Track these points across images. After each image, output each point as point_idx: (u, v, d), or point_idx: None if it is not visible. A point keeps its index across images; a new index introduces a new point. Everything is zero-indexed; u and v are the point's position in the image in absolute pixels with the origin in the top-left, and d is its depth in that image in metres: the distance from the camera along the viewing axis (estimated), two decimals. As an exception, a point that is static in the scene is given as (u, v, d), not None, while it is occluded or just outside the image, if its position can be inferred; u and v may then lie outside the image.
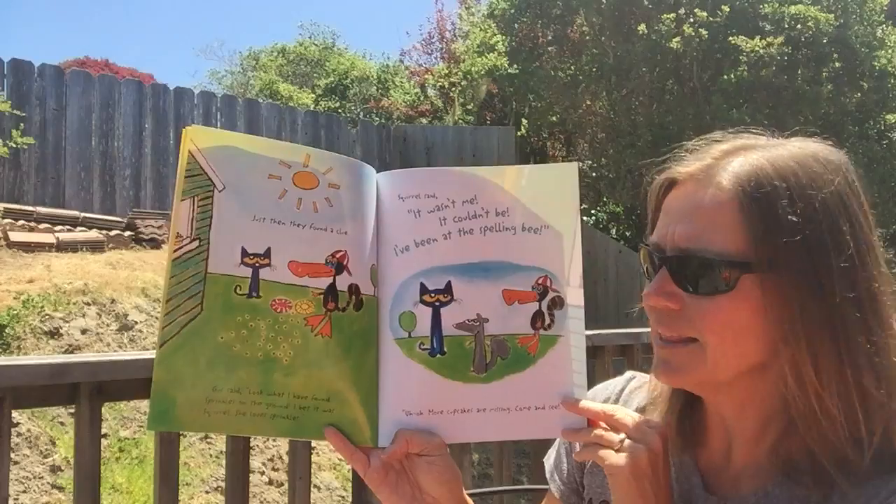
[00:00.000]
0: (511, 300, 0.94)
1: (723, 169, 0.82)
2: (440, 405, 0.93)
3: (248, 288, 0.89)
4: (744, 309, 0.79)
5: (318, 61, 17.54)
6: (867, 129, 9.82)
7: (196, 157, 0.88)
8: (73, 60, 15.92)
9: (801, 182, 0.79)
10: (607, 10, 10.10)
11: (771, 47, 8.73)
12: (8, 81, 8.76)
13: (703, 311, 0.81)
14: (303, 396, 0.90)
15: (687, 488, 0.91)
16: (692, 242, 0.81)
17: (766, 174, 0.80)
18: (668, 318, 0.84)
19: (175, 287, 0.87)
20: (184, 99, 10.12)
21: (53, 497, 4.49)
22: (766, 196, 0.78)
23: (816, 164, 0.81)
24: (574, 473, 1.05)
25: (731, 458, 0.89)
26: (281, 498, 5.09)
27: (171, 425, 0.90)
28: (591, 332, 2.80)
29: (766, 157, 0.82)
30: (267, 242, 0.89)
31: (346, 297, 0.92)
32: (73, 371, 1.61)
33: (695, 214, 0.82)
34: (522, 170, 0.97)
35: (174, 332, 0.86)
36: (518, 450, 4.74)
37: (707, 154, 0.86)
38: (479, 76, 10.95)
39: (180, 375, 0.86)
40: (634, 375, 1.08)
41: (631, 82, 10.31)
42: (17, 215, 7.79)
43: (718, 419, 0.90)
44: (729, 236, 0.79)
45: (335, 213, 0.93)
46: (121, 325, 6.07)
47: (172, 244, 0.87)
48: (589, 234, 10.84)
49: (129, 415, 5.32)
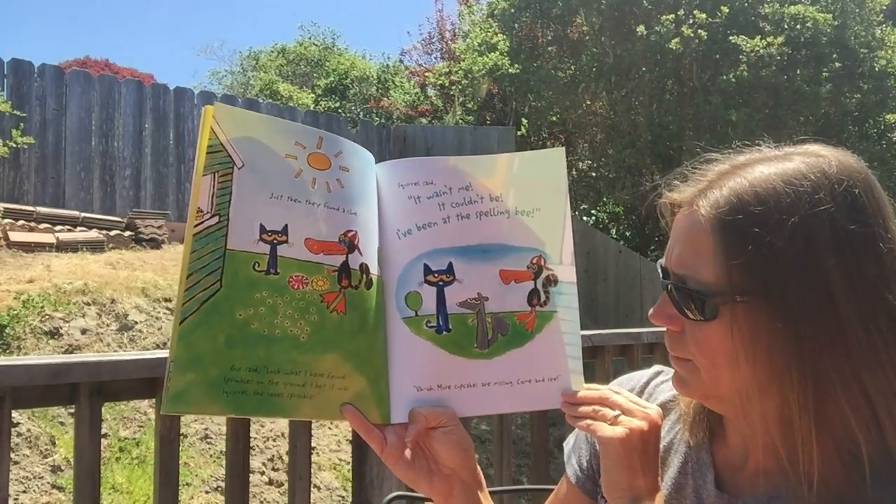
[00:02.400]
0: (508, 279, 0.99)
1: (707, 195, 0.82)
2: (448, 380, 0.97)
3: (266, 265, 0.89)
4: (726, 337, 0.79)
5: (318, 61, 17.55)
6: (867, 129, 9.82)
7: (217, 135, 0.89)
8: (73, 60, 15.93)
9: (780, 205, 0.76)
10: (607, 10, 10.10)
11: (771, 47, 8.73)
12: (8, 81, 8.76)
13: (696, 336, 0.83)
14: (319, 374, 0.91)
15: (700, 483, 0.92)
16: (682, 269, 0.83)
17: (744, 201, 0.78)
18: (671, 338, 0.88)
19: (195, 262, 0.87)
20: (184, 99, 10.12)
21: (53, 497, 4.49)
22: (738, 223, 0.77)
23: (805, 180, 0.78)
24: (592, 461, 1.07)
25: (746, 460, 0.90)
26: (281, 498, 5.09)
27: (189, 407, 0.87)
28: (591, 333, 2.80)
29: (752, 179, 0.79)
30: (284, 220, 0.91)
31: (358, 276, 0.94)
32: (73, 371, 1.61)
33: (684, 240, 0.84)
34: (513, 157, 1.02)
35: (194, 309, 0.86)
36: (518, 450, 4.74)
37: (704, 177, 0.86)
38: (479, 75, 10.95)
39: (200, 354, 0.86)
40: (662, 370, 1.09)
41: (631, 82, 10.31)
42: (17, 215, 7.79)
43: (734, 423, 0.91)
44: (707, 265, 0.80)
45: (346, 194, 0.95)
46: (121, 325, 6.08)
47: (193, 219, 0.88)
48: (589, 234, 10.84)
49: (129, 415, 5.32)
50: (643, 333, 2.86)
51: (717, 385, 0.84)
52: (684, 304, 0.83)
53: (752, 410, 0.84)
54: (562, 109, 10.89)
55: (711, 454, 0.93)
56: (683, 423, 0.97)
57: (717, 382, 0.84)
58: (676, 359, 0.88)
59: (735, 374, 0.82)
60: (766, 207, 0.76)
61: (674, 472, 0.96)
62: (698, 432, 0.94)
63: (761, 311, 0.77)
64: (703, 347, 0.83)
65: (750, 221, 0.77)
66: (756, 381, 0.80)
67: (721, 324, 0.80)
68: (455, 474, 0.97)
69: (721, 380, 0.83)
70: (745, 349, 0.79)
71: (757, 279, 0.76)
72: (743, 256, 0.76)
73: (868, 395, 0.75)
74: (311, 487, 2.39)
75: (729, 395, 0.85)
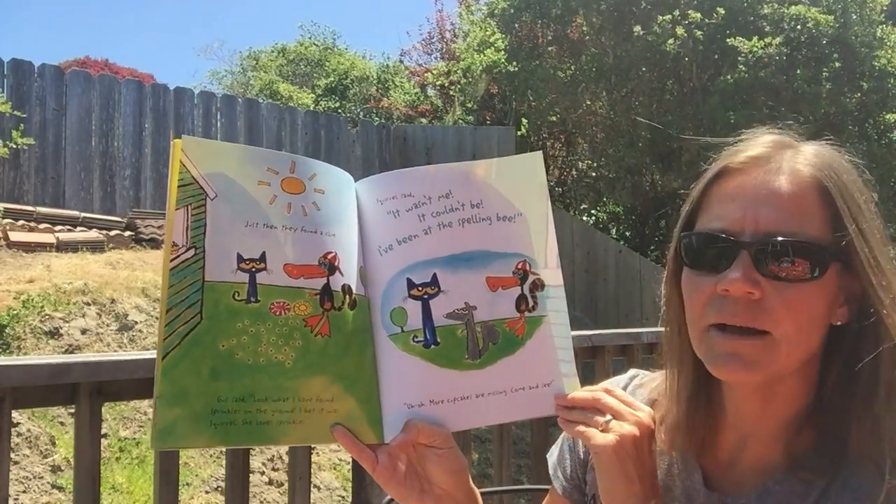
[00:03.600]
0: (495, 287, 0.98)
1: (794, 156, 0.84)
2: (440, 394, 0.95)
3: (246, 293, 0.89)
4: (821, 297, 0.80)
5: (318, 61, 17.54)
6: (867, 129, 9.82)
7: (188, 168, 0.90)
8: (73, 60, 15.93)
9: (856, 178, 0.83)
10: (607, 10, 10.10)
11: (769, 48, 8.73)
12: (8, 81, 8.76)
13: (788, 301, 0.79)
14: (307, 399, 0.91)
15: (689, 484, 0.92)
16: (781, 227, 0.79)
17: (838, 163, 0.83)
18: (743, 308, 0.80)
19: (174, 297, 0.87)
20: (184, 99, 10.12)
21: (53, 497, 4.49)
22: (843, 182, 0.81)
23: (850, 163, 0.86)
24: (577, 470, 1.06)
25: (739, 457, 0.90)
26: (281, 498, 5.09)
27: (177, 442, 0.88)
28: (591, 333, 2.80)
29: (825, 149, 0.85)
30: (261, 247, 0.91)
31: (340, 297, 0.94)
32: (73, 371, 1.61)
33: (775, 200, 0.80)
34: (491, 162, 1.01)
35: (175, 343, 0.86)
36: (518, 450, 4.74)
37: (758, 144, 0.86)
38: (477, 72, 10.95)
39: (184, 388, 0.85)
40: (637, 373, 1.09)
41: (631, 82, 10.31)
42: (17, 215, 7.79)
43: (736, 419, 0.90)
44: (814, 221, 0.80)
45: (323, 216, 0.95)
46: (121, 325, 6.08)
47: (169, 253, 0.88)
48: (589, 234, 10.83)
49: (129, 415, 5.32)
50: (643, 333, 2.87)
51: (794, 357, 0.81)
52: (782, 266, 0.78)
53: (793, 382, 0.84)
54: (562, 109, 10.89)
55: (696, 456, 0.93)
56: (675, 430, 0.93)
57: (793, 355, 0.81)
58: (748, 337, 0.80)
59: (814, 341, 0.81)
60: (851, 176, 0.83)
61: (661, 474, 0.95)
62: (696, 440, 0.92)
63: (859, 271, 0.79)
64: (795, 311, 0.79)
65: (849, 182, 0.82)
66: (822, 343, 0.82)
67: (821, 284, 0.79)
68: (448, 495, 0.96)
69: (797, 351, 0.81)
70: (830, 309, 0.81)
71: (857, 239, 0.79)
72: (847, 215, 0.80)
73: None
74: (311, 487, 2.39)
75: (790, 369, 0.83)
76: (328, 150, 11.31)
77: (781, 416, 0.86)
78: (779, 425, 0.86)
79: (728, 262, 0.80)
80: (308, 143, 11.11)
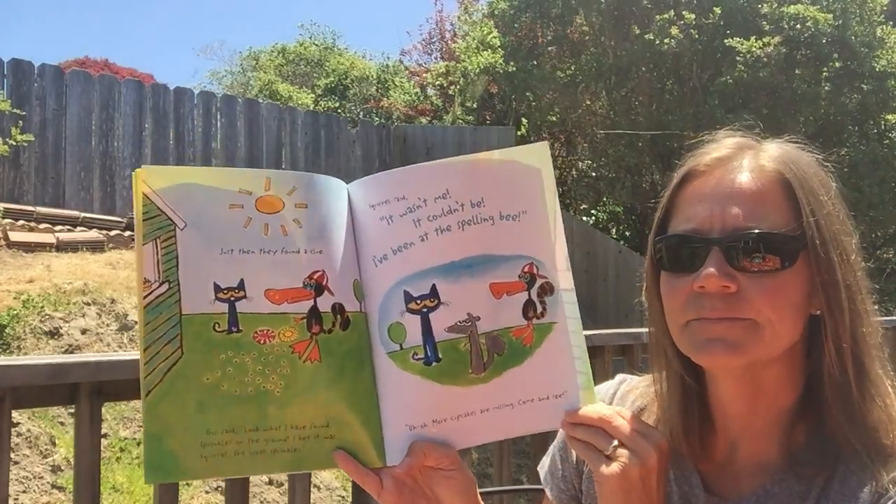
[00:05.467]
0: (500, 293, 0.90)
1: (756, 154, 0.86)
2: (443, 413, 0.90)
3: (226, 324, 0.86)
4: (797, 285, 0.82)
5: (318, 61, 17.55)
6: (867, 130, 9.81)
7: (151, 199, 0.86)
8: (73, 60, 15.93)
9: (818, 170, 0.85)
10: (607, 10, 10.10)
11: (768, 47, 8.72)
12: (8, 81, 8.76)
13: (763, 289, 0.81)
14: (301, 427, 0.88)
15: (687, 489, 0.91)
16: (748, 221, 0.82)
17: (798, 157, 0.85)
18: (721, 302, 0.82)
19: (151, 334, 0.84)
20: (184, 99, 10.11)
21: (53, 497, 4.49)
22: (804, 175, 0.83)
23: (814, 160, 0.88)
24: (572, 479, 1.04)
25: (734, 458, 0.89)
26: (281, 498, 5.09)
27: (168, 475, 0.86)
28: (591, 332, 2.80)
29: (787, 146, 0.87)
30: (239, 274, 0.87)
31: (330, 318, 0.89)
32: (73, 371, 1.61)
33: (740, 196, 0.83)
34: (492, 155, 0.93)
35: (157, 381, 0.84)
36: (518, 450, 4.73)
37: (721, 146, 0.89)
38: (475, 73, 10.95)
39: (170, 423, 0.84)
40: (625, 378, 1.08)
41: (631, 82, 10.31)
42: (17, 215, 7.79)
43: (725, 418, 0.90)
44: (779, 214, 0.82)
45: (306, 233, 0.90)
46: (121, 325, 6.08)
47: (141, 290, 0.85)
48: (589, 234, 10.84)
49: (129, 415, 5.32)
50: (643, 333, 2.85)
51: (778, 342, 0.83)
52: (753, 258, 0.81)
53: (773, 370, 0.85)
54: (562, 109, 10.89)
55: (693, 460, 0.92)
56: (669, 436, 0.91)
57: (777, 338, 0.82)
58: (730, 321, 0.82)
59: (797, 327, 0.83)
60: (813, 168, 0.85)
61: None
62: (690, 444, 0.91)
63: (831, 256, 0.81)
64: (773, 299, 0.81)
65: (812, 174, 0.84)
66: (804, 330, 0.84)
67: (793, 272, 0.81)
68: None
69: (781, 335, 0.82)
70: (810, 296, 0.82)
71: (826, 227, 0.82)
72: (814, 204, 0.82)
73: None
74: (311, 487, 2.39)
75: (776, 355, 0.84)
76: (328, 150, 11.30)
77: (771, 411, 0.86)
78: (769, 422, 0.86)
79: (701, 261, 0.83)
80: (308, 143, 11.11)
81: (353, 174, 11.85)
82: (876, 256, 9.69)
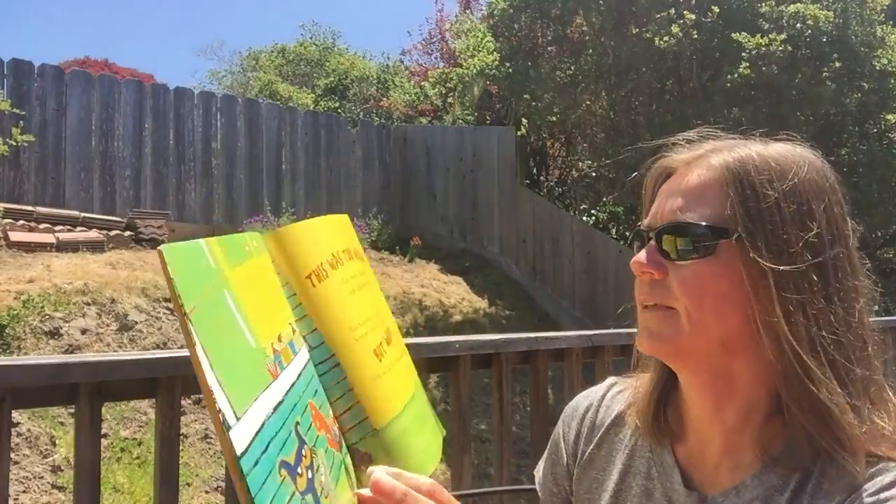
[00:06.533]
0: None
1: (715, 155, 0.88)
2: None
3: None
4: (723, 276, 0.83)
5: (318, 61, 17.56)
6: (868, 129, 9.81)
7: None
8: (73, 60, 15.94)
9: (780, 168, 0.85)
10: (606, 10, 10.10)
11: (773, 45, 8.72)
12: (8, 81, 8.76)
13: (683, 278, 0.84)
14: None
15: (668, 486, 0.92)
16: (677, 215, 0.86)
17: (752, 159, 0.86)
18: (650, 288, 0.87)
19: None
20: (184, 99, 10.12)
21: (53, 497, 4.49)
22: (747, 173, 0.84)
23: (799, 158, 0.87)
24: (563, 483, 1.07)
25: (708, 453, 0.90)
26: (281, 498, 5.09)
27: None
28: (591, 332, 2.80)
29: (753, 149, 0.88)
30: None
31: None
32: (73, 371, 1.60)
33: (682, 192, 0.87)
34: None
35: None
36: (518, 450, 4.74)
37: (700, 146, 0.92)
38: (471, 77, 10.96)
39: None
40: (616, 381, 1.09)
41: (631, 82, 10.31)
42: (17, 215, 7.80)
43: (697, 413, 0.91)
44: (711, 206, 0.84)
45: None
46: (121, 325, 6.08)
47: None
48: (589, 234, 10.84)
49: (129, 415, 5.32)
50: (643, 333, 2.86)
51: (700, 334, 0.84)
52: (675, 246, 0.85)
53: (735, 365, 0.85)
54: (561, 109, 10.89)
55: (674, 454, 0.93)
56: (642, 433, 0.96)
57: (698, 328, 0.84)
58: (653, 309, 0.87)
59: (728, 320, 0.83)
60: (769, 167, 0.85)
61: (640, 478, 0.95)
62: (659, 436, 0.94)
63: (764, 250, 0.81)
64: (690, 287, 0.84)
65: (757, 173, 0.84)
66: (753, 325, 0.82)
67: (715, 262, 0.83)
68: None
69: (703, 325, 0.83)
70: (743, 291, 0.82)
71: (764, 220, 0.82)
72: (751, 198, 0.83)
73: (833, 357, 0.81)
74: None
75: (710, 349, 0.85)
76: (328, 150, 11.31)
77: (739, 408, 0.87)
78: (740, 419, 0.87)
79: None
80: (308, 143, 11.12)
81: (353, 174, 11.90)
82: (876, 256, 9.69)
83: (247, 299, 0.77)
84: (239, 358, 0.73)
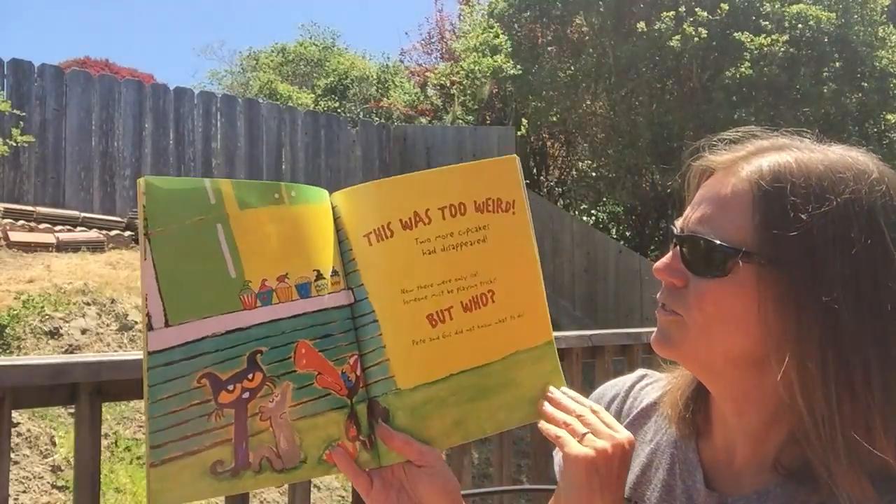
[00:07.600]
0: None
1: (750, 161, 0.83)
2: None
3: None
4: (738, 297, 0.80)
5: (318, 61, 17.54)
6: (868, 129, 9.80)
7: None
8: (73, 60, 15.93)
9: (822, 184, 0.77)
10: (607, 10, 10.10)
11: (775, 45, 8.71)
12: (8, 81, 8.75)
13: (699, 292, 0.83)
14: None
15: (690, 484, 0.92)
16: (701, 225, 0.83)
17: (789, 170, 0.79)
18: (668, 293, 0.87)
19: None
20: (184, 99, 10.11)
21: (53, 497, 4.49)
22: (779, 190, 0.78)
23: (848, 170, 0.79)
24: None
25: (733, 456, 0.90)
26: (281, 498, 5.09)
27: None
28: (591, 332, 2.80)
29: (795, 156, 0.81)
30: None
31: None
32: (73, 371, 1.60)
33: (712, 201, 0.84)
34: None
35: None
36: (518, 450, 4.74)
37: (743, 147, 0.88)
38: (483, 77, 10.94)
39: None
40: (646, 373, 1.09)
41: (631, 82, 10.30)
42: (17, 215, 7.79)
43: (721, 415, 0.91)
44: (736, 224, 0.80)
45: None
46: (121, 325, 6.08)
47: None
48: (589, 234, 10.83)
49: (129, 415, 5.32)
50: (643, 333, 2.86)
51: (704, 347, 0.83)
52: (695, 260, 0.82)
53: (749, 379, 0.83)
54: (562, 109, 10.88)
55: (698, 453, 0.93)
56: (669, 420, 0.96)
57: (706, 344, 0.83)
58: (666, 312, 0.86)
59: (734, 339, 0.81)
60: (808, 183, 0.78)
61: (663, 473, 0.95)
62: (684, 428, 0.94)
63: (788, 279, 0.76)
64: (701, 302, 0.82)
65: (791, 192, 0.77)
66: (765, 349, 0.79)
67: (732, 282, 0.79)
68: None
69: (708, 341, 0.82)
70: (763, 314, 0.78)
71: (790, 247, 0.76)
72: (779, 221, 0.77)
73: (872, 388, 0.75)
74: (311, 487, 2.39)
75: (716, 361, 0.84)
76: (328, 150, 11.31)
77: (761, 417, 0.85)
78: (760, 426, 0.86)
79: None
80: (308, 143, 11.11)
81: (353, 174, 11.88)
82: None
83: (248, 237, 0.81)
84: (200, 280, 0.78)
